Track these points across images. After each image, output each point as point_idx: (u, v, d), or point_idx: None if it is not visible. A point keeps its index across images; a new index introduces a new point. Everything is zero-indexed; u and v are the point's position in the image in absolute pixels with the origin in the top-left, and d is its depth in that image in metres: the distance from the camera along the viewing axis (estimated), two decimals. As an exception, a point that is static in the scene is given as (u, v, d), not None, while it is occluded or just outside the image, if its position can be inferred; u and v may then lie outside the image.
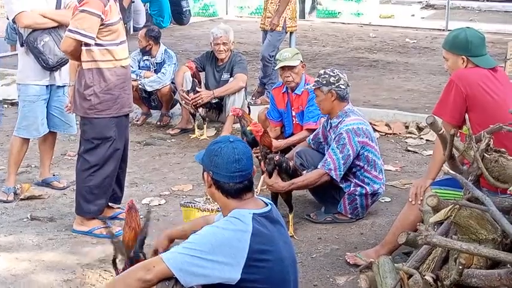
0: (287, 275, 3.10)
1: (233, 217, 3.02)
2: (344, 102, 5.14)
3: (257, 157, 5.17)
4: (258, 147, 5.26)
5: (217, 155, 3.06)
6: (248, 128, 5.43)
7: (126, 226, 3.60)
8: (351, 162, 5.04)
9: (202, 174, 3.15)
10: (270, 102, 6.42)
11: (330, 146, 5.07)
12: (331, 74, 5.13)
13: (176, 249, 3.00)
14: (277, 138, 6.02)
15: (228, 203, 3.09)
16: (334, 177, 5.00)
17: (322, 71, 5.23)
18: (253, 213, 3.02)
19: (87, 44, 4.69)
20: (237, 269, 2.93)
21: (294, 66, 5.93)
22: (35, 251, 4.69)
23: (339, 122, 5.11)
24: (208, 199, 4.88)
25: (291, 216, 5.00)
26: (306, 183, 5.03)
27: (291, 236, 4.25)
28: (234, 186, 3.06)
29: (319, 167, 5.03)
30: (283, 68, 5.97)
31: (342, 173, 5.02)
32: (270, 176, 4.88)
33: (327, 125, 5.31)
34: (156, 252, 3.44)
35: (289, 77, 5.95)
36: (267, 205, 3.14)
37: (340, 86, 5.10)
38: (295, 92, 5.98)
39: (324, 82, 5.10)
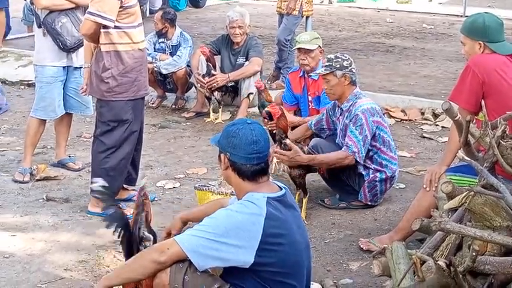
0: (300, 259, 3.12)
1: (247, 201, 3.03)
2: (354, 86, 5.14)
3: (271, 131, 5.11)
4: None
5: (235, 136, 3.06)
6: (266, 109, 5.43)
7: (134, 210, 3.60)
8: (369, 144, 5.03)
9: (219, 156, 3.15)
10: (286, 86, 6.39)
11: (349, 130, 5.03)
12: (344, 58, 5.12)
13: (190, 232, 3.02)
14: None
15: (243, 185, 3.10)
16: (358, 159, 4.99)
17: (332, 56, 5.19)
18: (268, 197, 3.03)
19: (105, 27, 4.69)
20: (250, 252, 2.95)
21: (311, 50, 5.88)
22: (51, 232, 4.73)
23: (350, 105, 5.09)
24: (223, 182, 4.89)
25: (305, 200, 5.00)
26: (327, 161, 5.01)
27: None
28: (250, 168, 3.07)
29: (342, 151, 5.02)
30: (299, 50, 5.94)
31: (364, 154, 5.00)
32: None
33: (334, 112, 5.29)
34: (169, 235, 3.46)
35: (304, 60, 5.92)
36: (281, 189, 3.15)
37: (352, 69, 5.10)
38: (311, 77, 5.96)
39: (338, 66, 5.07)
